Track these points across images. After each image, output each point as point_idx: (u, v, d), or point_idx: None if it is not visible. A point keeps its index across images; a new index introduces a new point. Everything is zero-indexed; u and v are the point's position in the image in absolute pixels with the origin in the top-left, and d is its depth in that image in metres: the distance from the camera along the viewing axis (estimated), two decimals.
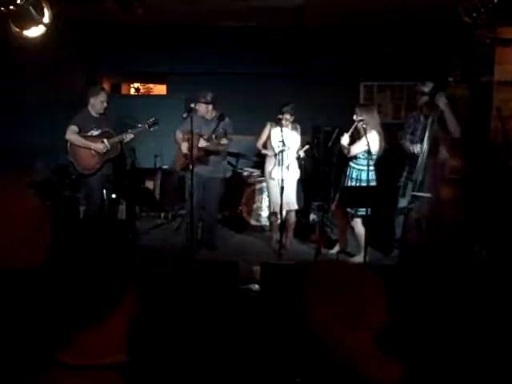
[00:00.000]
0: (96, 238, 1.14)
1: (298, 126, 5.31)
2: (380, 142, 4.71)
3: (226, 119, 5.08)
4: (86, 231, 1.16)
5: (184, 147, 5.13)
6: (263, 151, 5.40)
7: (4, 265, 1.23)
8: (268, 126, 5.31)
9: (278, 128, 5.15)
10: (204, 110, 5.03)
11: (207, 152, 4.78)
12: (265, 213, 6.11)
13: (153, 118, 5.31)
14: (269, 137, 5.31)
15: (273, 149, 5.26)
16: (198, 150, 4.99)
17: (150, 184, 6.69)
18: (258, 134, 5.45)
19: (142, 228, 5.94)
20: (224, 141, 5.01)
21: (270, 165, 5.33)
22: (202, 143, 4.94)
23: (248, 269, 4.03)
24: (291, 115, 5.14)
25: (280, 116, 5.08)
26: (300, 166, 5.38)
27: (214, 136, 4.86)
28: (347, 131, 4.71)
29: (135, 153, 6.55)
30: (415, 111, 5.00)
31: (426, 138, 4.62)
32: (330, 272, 1.14)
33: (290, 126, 5.20)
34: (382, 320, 1.09)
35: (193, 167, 4.73)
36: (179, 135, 5.27)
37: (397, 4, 5.42)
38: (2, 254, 1.25)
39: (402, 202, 4.71)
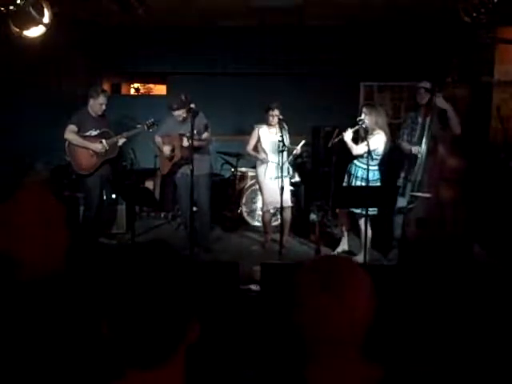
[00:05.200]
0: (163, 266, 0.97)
1: (285, 124, 5.22)
2: (386, 142, 4.73)
3: (200, 114, 5.02)
4: (147, 258, 0.98)
5: (167, 150, 5.15)
6: (255, 155, 5.31)
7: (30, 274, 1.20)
8: (256, 130, 5.28)
9: (269, 129, 5.15)
10: (181, 112, 4.99)
11: (194, 149, 4.76)
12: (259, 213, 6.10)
13: (151, 119, 5.31)
14: (259, 139, 5.27)
15: (264, 150, 5.24)
16: (183, 150, 5.00)
17: (149, 184, 6.70)
18: (248, 141, 5.39)
19: (141, 228, 5.95)
20: (205, 135, 4.98)
21: (263, 165, 5.28)
22: (185, 142, 4.93)
23: (248, 269, 4.03)
24: (279, 110, 5.09)
25: (270, 113, 5.05)
26: (295, 166, 5.40)
27: (196, 131, 4.83)
28: (351, 128, 4.73)
29: (135, 153, 6.56)
30: (413, 111, 5.01)
31: (424, 138, 4.62)
32: (323, 267, 1.13)
33: (277, 126, 5.11)
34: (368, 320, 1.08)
35: (193, 168, 4.72)
36: (158, 139, 5.26)
37: (397, 4, 5.43)
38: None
39: (401, 202, 4.71)
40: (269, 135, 5.17)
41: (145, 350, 0.92)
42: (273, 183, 5.12)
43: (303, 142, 5.22)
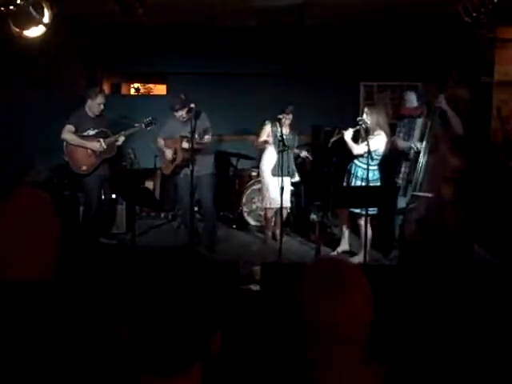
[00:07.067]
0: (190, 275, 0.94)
1: (296, 130, 5.41)
2: (387, 142, 4.73)
3: (202, 115, 5.03)
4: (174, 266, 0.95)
5: (169, 154, 5.15)
6: (262, 144, 5.40)
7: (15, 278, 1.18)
8: (268, 125, 5.33)
9: (279, 128, 5.19)
10: (183, 113, 4.96)
11: (194, 151, 4.74)
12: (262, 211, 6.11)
13: (149, 118, 5.30)
14: (269, 135, 5.34)
15: (274, 146, 5.29)
16: (184, 152, 4.99)
17: (149, 184, 6.69)
18: (258, 134, 5.47)
19: (141, 228, 5.95)
20: (206, 138, 4.97)
21: (269, 163, 5.35)
22: (185, 144, 4.92)
23: (248, 269, 4.03)
24: (292, 115, 5.22)
25: (281, 116, 5.10)
26: (297, 167, 5.48)
27: (197, 134, 4.82)
28: (352, 128, 4.73)
29: (135, 153, 6.56)
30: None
31: (425, 138, 4.62)
32: (326, 269, 1.13)
33: (289, 128, 5.25)
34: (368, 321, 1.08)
35: (193, 168, 4.71)
36: (161, 142, 5.26)
37: (397, 4, 5.42)
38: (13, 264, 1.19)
39: (402, 202, 4.71)
40: (278, 133, 5.21)
41: (166, 356, 0.90)
42: (276, 181, 5.16)
43: (307, 153, 5.51)
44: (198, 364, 0.95)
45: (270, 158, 5.36)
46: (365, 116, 4.66)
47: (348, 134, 4.69)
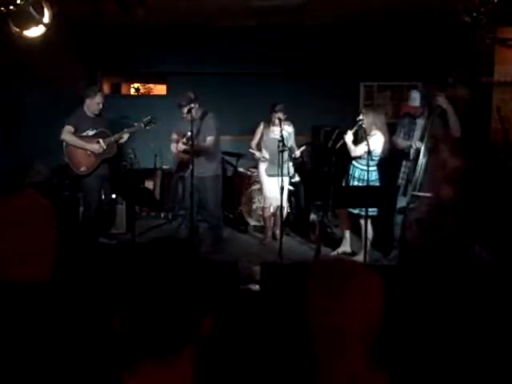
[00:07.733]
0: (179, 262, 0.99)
1: (291, 125, 5.36)
2: (385, 143, 4.72)
3: (207, 117, 4.97)
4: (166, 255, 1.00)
5: (173, 149, 5.14)
6: (257, 154, 5.39)
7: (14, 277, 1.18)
8: (261, 126, 5.35)
9: (271, 127, 5.19)
10: (185, 110, 4.85)
11: (196, 153, 4.69)
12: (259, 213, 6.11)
13: (148, 117, 5.29)
14: (262, 136, 5.34)
15: (266, 148, 5.29)
16: (180, 153, 4.98)
17: (149, 184, 6.69)
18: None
19: (141, 228, 5.94)
20: (208, 139, 4.92)
21: (264, 162, 5.37)
22: (181, 146, 4.90)
23: (248, 269, 4.02)
24: (284, 114, 5.14)
25: (280, 116, 5.09)
26: (296, 166, 5.46)
27: (198, 134, 4.78)
28: (351, 130, 4.72)
29: (135, 153, 6.56)
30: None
31: (425, 138, 4.61)
32: (331, 268, 1.12)
33: (280, 126, 5.19)
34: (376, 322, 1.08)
35: (193, 169, 4.70)
36: (174, 136, 5.24)
37: (397, 4, 5.43)
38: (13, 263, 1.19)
39: (403, 202, 4.71)
40: (271, 133, 5.22)
41: (159, 341, 0.94)
42: (272, 180, 5.16)
43: (303, 147, 5.33)
44: (190, 347, 0.98)
45: (261, 159, 5.37)
46: (361, 116, 4.68)
47: (349, 138, 4.69)
